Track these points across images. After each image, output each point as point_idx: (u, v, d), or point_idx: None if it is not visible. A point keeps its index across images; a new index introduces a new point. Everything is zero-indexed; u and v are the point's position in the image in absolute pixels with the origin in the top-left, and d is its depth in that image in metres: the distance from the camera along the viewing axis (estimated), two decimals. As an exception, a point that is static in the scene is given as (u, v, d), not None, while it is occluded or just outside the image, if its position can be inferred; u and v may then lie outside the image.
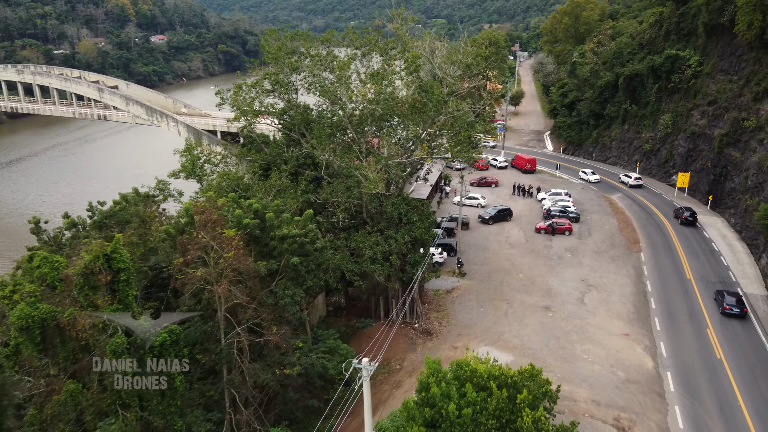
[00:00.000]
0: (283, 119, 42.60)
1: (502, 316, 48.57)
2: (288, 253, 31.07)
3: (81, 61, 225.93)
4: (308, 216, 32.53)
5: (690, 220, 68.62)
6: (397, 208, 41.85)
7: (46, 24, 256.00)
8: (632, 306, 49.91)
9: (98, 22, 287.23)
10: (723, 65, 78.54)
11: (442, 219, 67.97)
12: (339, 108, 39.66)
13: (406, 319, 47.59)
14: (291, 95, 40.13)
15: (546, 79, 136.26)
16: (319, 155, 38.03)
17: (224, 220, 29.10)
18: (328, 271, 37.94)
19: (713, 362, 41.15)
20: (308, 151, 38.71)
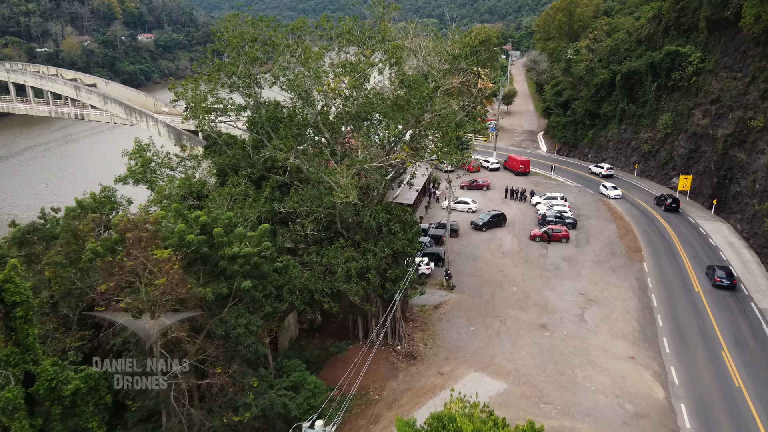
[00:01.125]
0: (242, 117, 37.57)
1: (494, 336, 43.83)
2: (240, 275, 26.22)
3: (65, 60, 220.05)
4: (263, 231, 27.57)
5: (673, 207, 72.16)
6: (375, 218, 37.02)
7: (30, 22, 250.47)
8: (637, 324, 45.30)
9: (84, 20, 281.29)
10: (726, 62, 74.27)
11: (429, 226, 63.21)
12: (309, 104, 34.82)
13: (388, 341, 42.78)
14: (253, 90, 35.22)
15: (539, 77, 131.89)
16: (282, 158, 33.15)
17: (158, 238, 24.21)
18: (294, 292, 33.09)
19: (732, 392, 36.59)
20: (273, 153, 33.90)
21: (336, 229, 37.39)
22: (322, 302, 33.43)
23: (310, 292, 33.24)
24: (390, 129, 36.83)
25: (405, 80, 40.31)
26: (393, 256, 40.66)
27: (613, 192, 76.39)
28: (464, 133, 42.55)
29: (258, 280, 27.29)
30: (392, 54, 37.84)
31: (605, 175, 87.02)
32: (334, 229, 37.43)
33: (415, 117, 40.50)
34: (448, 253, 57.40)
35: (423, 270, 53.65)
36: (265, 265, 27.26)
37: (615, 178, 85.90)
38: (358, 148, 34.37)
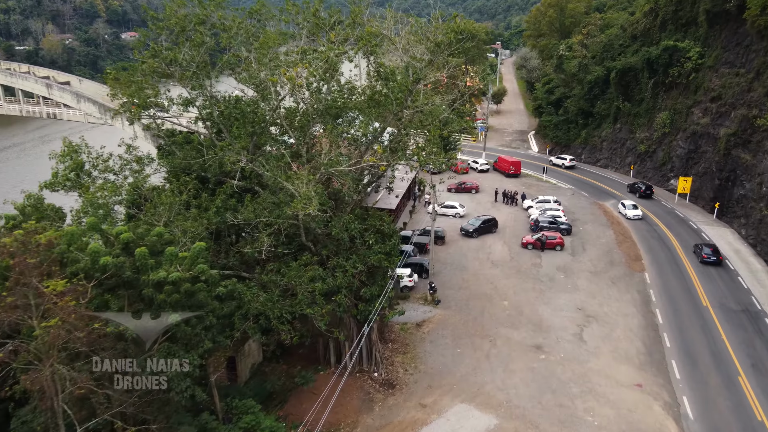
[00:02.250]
0: (188, 113, 32.43)
1: (483, 360, 39.07)
2: (168, 306, 21.30)
3: (45, 58, 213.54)
4: (197, 251, 22.53)
5: (647, 194, 74.77)
6: (347, 229, 32.10)
7: (9, 19, 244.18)
8: (642, 344, 40.73)
9: (65, 18, 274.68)
10: (728, 57, 70.05)
11: (413, 232, 58.34)
12: (266, 98, 29.82)
13: (363, 367, 37.89)
14: (201, 81, 30.17)
15: (530, 75, 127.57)
16: (231, 161, 28.15)
17: (55, 263, 19.22)
18: (249, 318, 28.12)
19: (753, 426, 32.06)
20: (220, 156, 28.88)
21: (301, 242, 32.44)
22: (280, 330, 28.43)
23: (267, 318, 28.28)
24: (361, 126, 31.90)
25: (382, 72, 35.43)
26: (368, 271, 35.85)
27: (632, 212, 66.11)
28: (448, 132, 37.58)
29: (193, 310, 22.37)
30: (366, 41, 32.99)
31: (568, 166, 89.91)
32: (298, 243, 32.48)
33: (394, 113, 35.67)
34: (434, 262, 52.62)
35: (405, 282, 48.83)
36: (201, 293, 22.34)
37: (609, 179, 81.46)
38: (323, 150, 29.37)
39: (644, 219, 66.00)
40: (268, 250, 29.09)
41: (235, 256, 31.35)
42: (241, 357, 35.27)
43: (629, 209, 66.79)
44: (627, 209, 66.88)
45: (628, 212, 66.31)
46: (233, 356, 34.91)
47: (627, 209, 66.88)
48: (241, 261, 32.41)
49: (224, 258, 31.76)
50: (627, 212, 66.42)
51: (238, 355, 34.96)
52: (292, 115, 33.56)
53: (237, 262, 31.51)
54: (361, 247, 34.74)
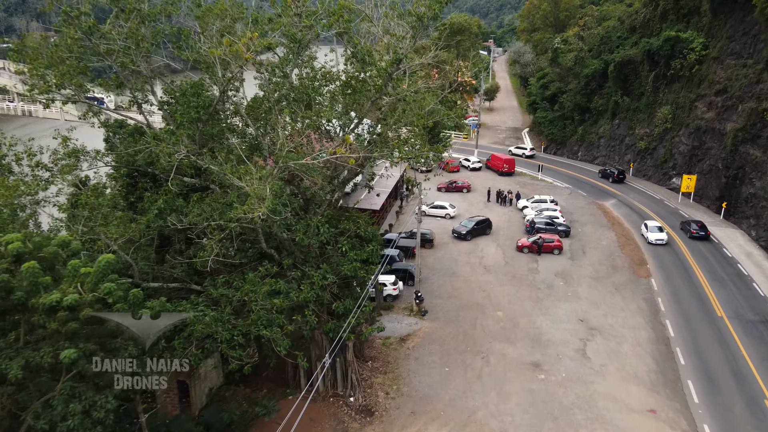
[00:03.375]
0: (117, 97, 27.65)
1: (474, 380, 34.47)
2: (63, 337, 16.58)
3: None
4: (103, 266, 17.67)
5: (620, 178, 76.31)
6: (314, 235, 27.38)
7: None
8: (653, 361, 36.26)
9: (52, 16, 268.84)
10: (734, 47, 65.86)
11: (399, 235, 53.76)
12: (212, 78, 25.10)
13: (337, 390, 33.20)
14: (135, 58, 25.34)
15: (524, 70, 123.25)
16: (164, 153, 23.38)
17: None
18: (192, 343, 23.40)
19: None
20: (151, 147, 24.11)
21: (261, 249, 27.70)
22: (229, 356, 23.74)
23: (216, 342, 23.58)
24: (325, 113, 27.13)
25: (357, 52, 30.81)
26: (344, 282, 31.21)
27: (655, 235, 55.39)
28: (433, 122, 32.89)
29: (102, 340, 17.67)
30: (338, 16, 28.36)
31: (528, 155, 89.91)
32: (258, 250, 27.76)
33: (371, 100, 31.08)
34: (421, 268, 47.99)
35: (389, 291, 44.21)
36: (111, 322, 17.65)
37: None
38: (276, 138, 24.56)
39: (646, 219, 61.60)
40: (218, 260, 24.27)
41: (181, 266, 26.57)
42: (195, 381, 30.52)
43: (651, 232, 56.08)
44: (649, 232, 56.17)
45: (650, 235, 55.62)
46: (185, 380, 30.16)
47: (649, 232, 56.17)
48: (191, 272, 27.67)
49: (169, 269, 27.02)
50: (649, 235, 55.74)
51: (192, 379, 30.20)
52: (258, 104, 28.82)
53: (184, 274, 26.74)
54: (333, 254, 30.09)
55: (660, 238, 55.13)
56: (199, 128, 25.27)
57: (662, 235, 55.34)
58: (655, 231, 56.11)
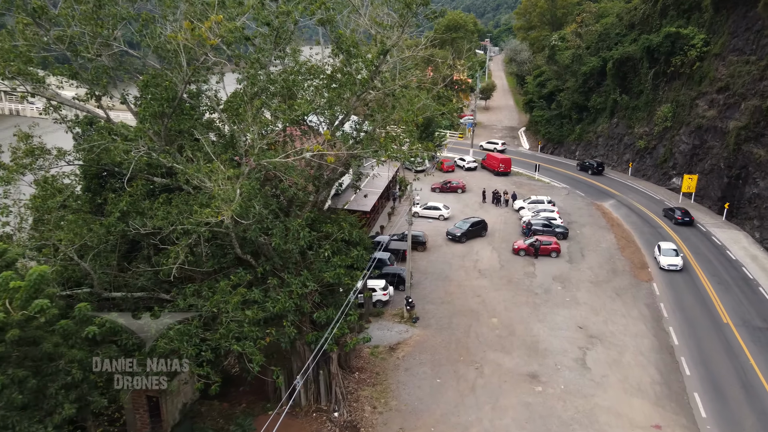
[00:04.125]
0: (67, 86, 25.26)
1: (467, 393, 32.39)
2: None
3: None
4: (36, 279, 15.41)
5: (599, 170, 77.97)
6: (294, 239, 25.24)
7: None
8: (657, 372, 34.23)
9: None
10: (737, 44, 63.97)
11: (390, 237, 51.71)
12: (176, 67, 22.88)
13: (321, 405, 31.07)
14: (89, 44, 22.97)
15: (520, 68, 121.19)
16: (119, 150, 21.20)
17: None
18: (152, 361, 21.24)
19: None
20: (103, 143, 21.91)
21: (236, 254, 25.55)
22: (196, 374, 21.61)
23: (180, 359, 21.46)
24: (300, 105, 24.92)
25: (342, 43, 28.74)
26: (328, 289, 29.13)
27: (668, 260, 48.21)
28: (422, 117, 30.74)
29: (37, 363, 15.54)
30: (320, 1, 26.28)
31: (500, 149, 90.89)
32: (232, 256, 25.60)
33: (357, 95, 28.97)
34: (412, 272, 45.90)
35: (379, 296, 42.12)
36: (47, 342, 15.47)
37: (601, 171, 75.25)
38: (253, 137, 22.35)
39: (646, 221, 59.75)
40: (184, 268, 22.12)
41: (147, 274, 24.40)
42: (166, 397, 28.35)
43: (665, 256, 48.54)
44: (662, 255, 48.71)
45: (663, 260, 48.21)
46: (156, 396, 28.01)
47: (662, 255, 48.71)
48: (161, 280, 25.47)
49: (136, 277, 24.84)
50: (661, 260, 48.36)
51: (162, 395, 28.04)
52: (236, 100, 26.63)
53: (151, 283, 24.55)
54: (315, 260, 27.97)
55: (673, 264, 47.69)
56: (164, 123, 23.10)
57: (677, 260, 47.93)
58: (670, 255, 48.60)
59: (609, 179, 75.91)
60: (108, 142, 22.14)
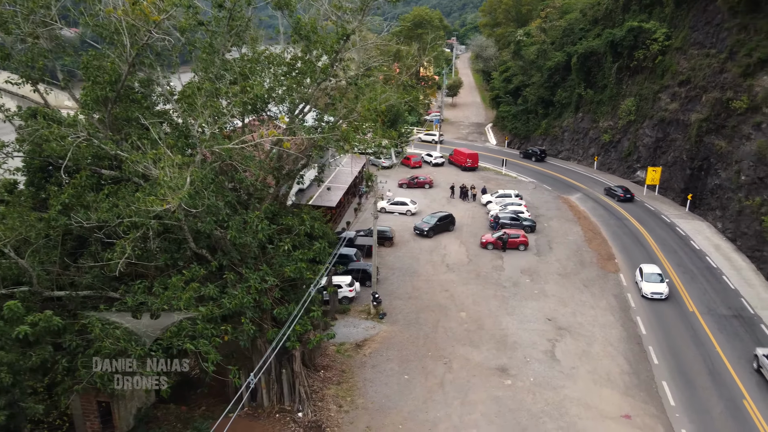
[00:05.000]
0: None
1: (436, 389, 31.60)
2: None
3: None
4: None
5: (542, 157, 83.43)
6: (250, 232, 24.04)
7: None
8: (626, 361, 33.99)
9: None
10: (697, 37, 64.77)
11: (356, 233, 50.71)
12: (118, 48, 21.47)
13: (284, 405, 29.88)
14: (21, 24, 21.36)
15: (487, 64, 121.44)
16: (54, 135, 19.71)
17: None
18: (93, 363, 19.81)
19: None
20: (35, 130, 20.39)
21: (191, 250, 24.21)
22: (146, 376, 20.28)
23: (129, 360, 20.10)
24: (254, 86, 23.69)
25: (300, 28, 27.68)
26: (290, 285, 28.00)
27: (651, 287, 41.41)
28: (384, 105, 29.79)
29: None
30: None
31: (437, 141, 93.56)
32: (186, 251, 24.25)
33: (317, 81, 27.92)
34: (379, 267, 45.03)
35: (345, 293, 41.09)
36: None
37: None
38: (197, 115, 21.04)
39: (612, 213, 60.01)
40: (131, 262, 20.73)
41: (92, 270, 22.88)
42: (118, 401, 26.82)
43: (648, 281, 41.84)
44: (644, 281, 41.98)
45: (645, 287, 41.50)
46: (108, 401, 26.46)
47: (644, 281, 41.98)
48: (110, 278, 23.95)
49: (82, 274, 23.32)
50: (643, 287, 41.62)
51: (114, 400, 26.51)
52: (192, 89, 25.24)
53: (98, 280, 23.04)
54: (276, 254, 26.80)
55: (658, 292, 40.86)
56: (108, 109, 21.67)
57: (662, 288, 41.08)
58: (654, 280, 41.86)
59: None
60: (43, 127, 20.56)
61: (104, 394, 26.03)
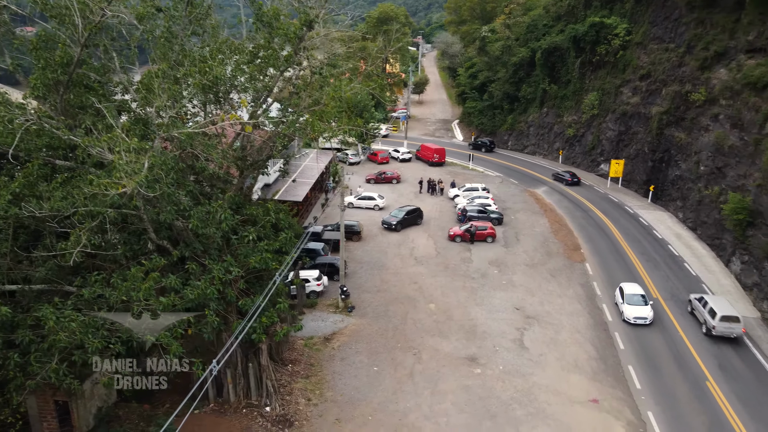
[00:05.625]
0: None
1: (405, 380, 31.38)
2: None
3: None
4: None
5: (491, 148, 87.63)
6: (213, 222, 23.40)
7: None
8: (593, 348, 34.35)
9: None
10: (656, 32, 66.16)
11: (324, 228, 50.21)
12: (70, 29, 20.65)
13: (252, 400, 29.27)
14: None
15: (453, 61, 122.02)
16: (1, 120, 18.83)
17: None
18: (53, 357, 18.97)
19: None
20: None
21: (151, 241, 23.43)
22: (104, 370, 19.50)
23: (85, 352, 19.30)
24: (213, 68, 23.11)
25: (262, 15, 27.15)
26: (256, 276, 27.43)
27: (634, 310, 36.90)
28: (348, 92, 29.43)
29: None
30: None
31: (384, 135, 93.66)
32: (145, 242, 23.46)
33: (280, 70, 27.42)
34: (347, 261, 44.64)
35: (313, 287, 40.57)
36: None
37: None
38: (159, 104, 20.35)
39: (578, 206, 60.80)
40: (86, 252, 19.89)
41: (46, 264, 21.94)
42: (77, 401, 25.83)
43: (630, 304, 37.28)
44: (626, 303, 37.50)
45: (627, 310, 37.05)
46: (66, 401, 25.47)
47: (626, 303, 37.50)
48: (66, 271, 23.02)
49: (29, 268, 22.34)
50: (624, 309, 37.24)
51: (73, 399, 25.52)
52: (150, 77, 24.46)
53: (53, 273, 22.09)
54: (240, 245, 26.20)
55: (641, 316, 36.40)
56: (61, 94, 20.79)
57: (645, 311, 36.65)
58: (636, 302, 37.26)
59: (540, 167, 77.23)
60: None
61: (61, 393, 25.12)
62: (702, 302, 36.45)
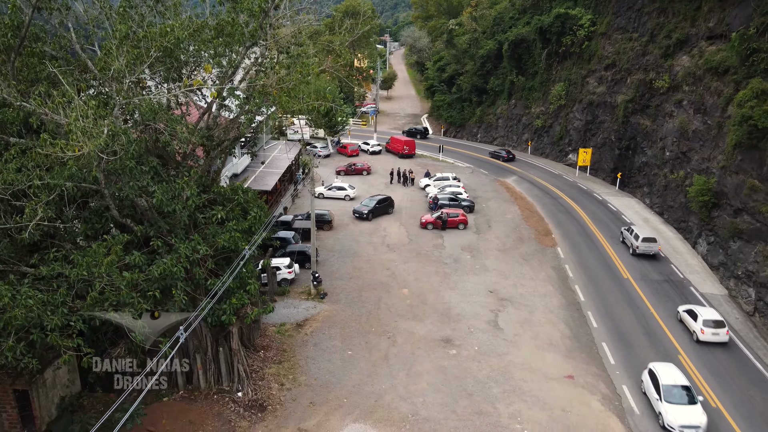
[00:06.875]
0: None
1: (380, 362, 30.89)
2: None
3: None
4: None
5: (425, 135, 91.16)
6: (179, 200, 22.49)
7: None
8: (566, 326, 34.40)
9: None
10: (620, 22, 67.08)
11: (294, 217, 49.39)
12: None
13: (223, 385, 28.39)
14: None
15: (420, 55, 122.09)
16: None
17: None
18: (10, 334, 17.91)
19: (709, 412, 26.16)
20: None
21: (113, 219, 22.42)
22: (63, 348, 18.49)
23: (44, 331, 18.29)
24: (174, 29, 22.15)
25: (226, -10, 26.35)
26: (223, 257, 26.60)
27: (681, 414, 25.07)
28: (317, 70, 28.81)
29: None
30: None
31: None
32: (107, 219, 22.43)
33: (245, 45, 26.62)
34: (319, 249, 43.94)
35: (285, 275, 39.76)
36: None
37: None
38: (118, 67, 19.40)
39: (547, 193, 61.20)
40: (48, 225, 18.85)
41: (1, 242, 20.76)
42: (38, 389, 24.62)
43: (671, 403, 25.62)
44: (665, 401, 25.77)
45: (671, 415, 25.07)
46: (25, 389, 24.24)
47: (665, 401, 25.77)
48: (24, 250, 21.87)
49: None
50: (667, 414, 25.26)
51: (34, 388, 24.31)
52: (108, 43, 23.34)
53: (7, 253, 20.91)
54: (208, 224, 25.36)
55: (691, 425, 24.72)
56: (12, 60, 19.69)
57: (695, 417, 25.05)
58: (680, 400, 25.74)
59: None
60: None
61: (21, 382, 23.95)
62: (629, 230, 46.23)
